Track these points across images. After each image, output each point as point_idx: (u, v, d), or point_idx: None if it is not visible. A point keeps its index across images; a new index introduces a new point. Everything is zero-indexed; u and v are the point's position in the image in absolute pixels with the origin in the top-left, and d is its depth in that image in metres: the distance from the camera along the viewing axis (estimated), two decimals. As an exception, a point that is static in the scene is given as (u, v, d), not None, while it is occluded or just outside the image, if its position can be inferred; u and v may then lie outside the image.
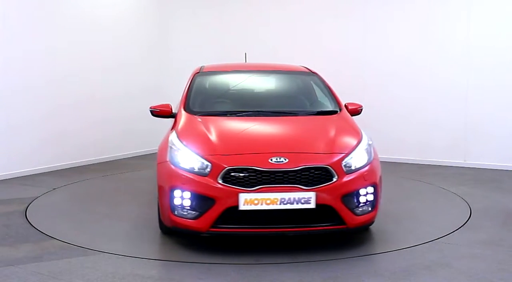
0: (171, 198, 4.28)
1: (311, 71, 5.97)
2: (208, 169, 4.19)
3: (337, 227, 4.29)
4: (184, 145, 4.43)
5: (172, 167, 4.37)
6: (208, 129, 4.63)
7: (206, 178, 4.17)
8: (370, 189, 4.41)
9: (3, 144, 7.30)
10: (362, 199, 4.37)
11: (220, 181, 4.13)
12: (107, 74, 8.87)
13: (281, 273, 3.89)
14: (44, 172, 7.71)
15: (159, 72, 9.91)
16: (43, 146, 7.80)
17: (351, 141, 4.58)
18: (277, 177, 4.13)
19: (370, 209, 4.44)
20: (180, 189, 4.25)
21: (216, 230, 4.19)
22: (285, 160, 4.17)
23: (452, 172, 7.86)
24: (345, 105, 5.46)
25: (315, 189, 4.12)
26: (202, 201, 4.17)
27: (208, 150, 4.33)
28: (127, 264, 4.07)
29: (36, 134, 7.70)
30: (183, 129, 4.75)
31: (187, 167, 4.28)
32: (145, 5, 9.88)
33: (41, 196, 6.33)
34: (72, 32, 8.20)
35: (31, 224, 5.15)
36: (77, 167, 8.24)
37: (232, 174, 4.13)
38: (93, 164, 8.51)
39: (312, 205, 4.11)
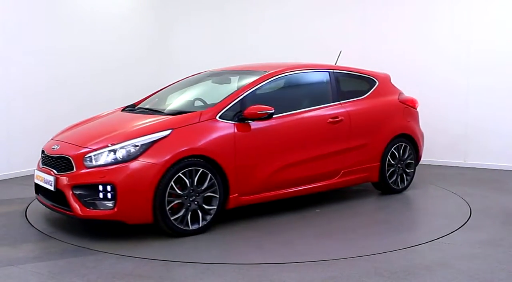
0: None
1: (277, 72, 5.57)
2: None
3: (68, 213, 4.68)
4: (57, 133, 5.51)
5: None
6: (94, 121, 5.59)
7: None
8: (108, 187, 4.50)
9: (4, 144, 7.29)
10: (101, 195, 4.53)
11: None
12: (107, 75, 8.84)
13: (281, 273, 3.89)
14: (44, 172, 7.69)
15: (159, 72, 9.87)
16: (43, 146, 7.79)
17: (117, 139, 4.69)
18: (49, 161, 4.97)
19: (107, 206, 4.51)
20: None
21: (38, 197, 5.24)
22: (57, 147, 4.98)
23: (452, 172, 7.85)
24: (249, 108, 5.01)
25: (57, 175, 4.74)
26: None
27: (56, 135, 5.42)
28: (127, 264, 4.08)
29: (37, 135, 7.67)
30: (84, 120, 5.74)
31: None
32: (145, 5, 9.87)
33: (41, 196, 6.33)
34: (72, 32, 8.18)
35: (31, 224, 5.16)
36: (77, 167, 8.22)
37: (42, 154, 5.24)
38: (93, 164, 8.50)
39: (52, 188, 4.75)
